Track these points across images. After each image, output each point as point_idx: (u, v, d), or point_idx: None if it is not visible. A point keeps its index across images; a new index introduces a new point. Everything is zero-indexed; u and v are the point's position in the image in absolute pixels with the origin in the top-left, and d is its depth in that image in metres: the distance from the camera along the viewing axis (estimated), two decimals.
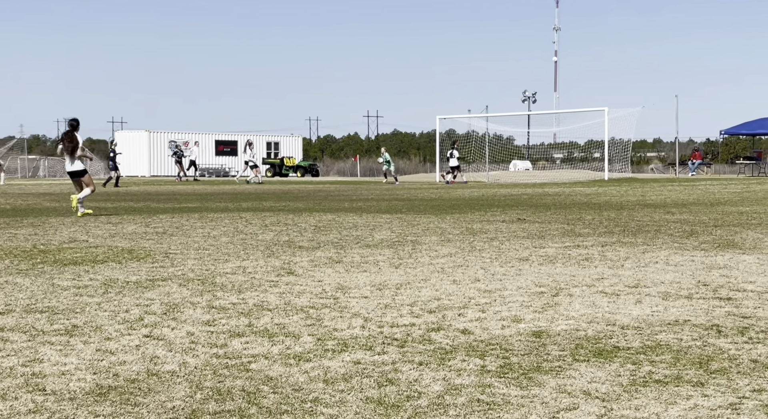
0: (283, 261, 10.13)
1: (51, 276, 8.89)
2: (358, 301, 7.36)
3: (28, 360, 5.29)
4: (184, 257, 10.51)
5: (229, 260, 10.22)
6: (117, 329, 6.21)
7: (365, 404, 4.36)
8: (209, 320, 6.54)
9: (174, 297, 7.54)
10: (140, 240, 12.67)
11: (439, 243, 12.11)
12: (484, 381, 4.77)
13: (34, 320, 6.55)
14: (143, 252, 11.07)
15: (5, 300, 7.41)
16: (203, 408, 4.30)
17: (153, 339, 5.86)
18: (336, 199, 26.56)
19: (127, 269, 9.41)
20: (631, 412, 4.24)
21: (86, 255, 10.76)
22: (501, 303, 7.28)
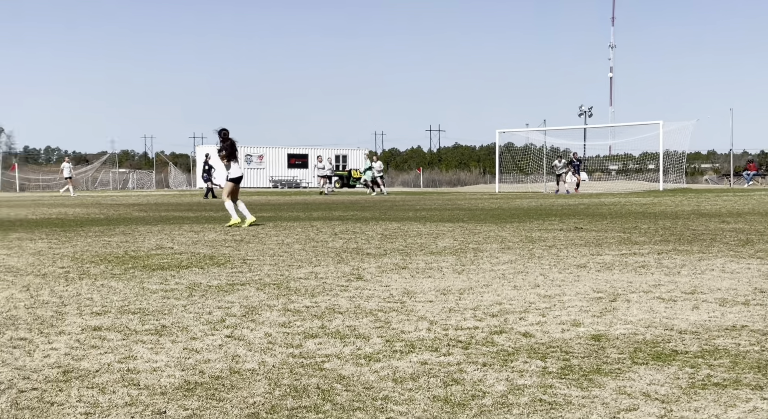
0: (352, 267, 10.18)
1: (141, 280, 9.05)
2: (424, 305, 7.37)
3: (123, 357, 5.40)
4: (261, 263, 10.61)
5: (302, 266, 10.30)
6: (201, 329, 6.30)
7: (432, 402, 4.37)
8: (285, 322, 6.60)
9: (252, 301, 7.63)
10: (220, 247, 12.83)
11: (500, 251, 12.07)
12: (546, 382, 4.76)
13: (127, 320, 6.68)
14: (223, 258, 11.20)
15: (102, 302, 7.55)
16: (281, 404, 4.35)
17: (234, 339, 5.94)
18: (401, 209, 26.58)
19: (209, 274, 9.53)
20: (690, 413, 4.19)
21: (172, 260, 10.93)
22: (560, 307, 7.24)
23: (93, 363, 5.25)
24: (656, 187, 45.97)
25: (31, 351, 5.58)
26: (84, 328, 6.35)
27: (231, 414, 4.17)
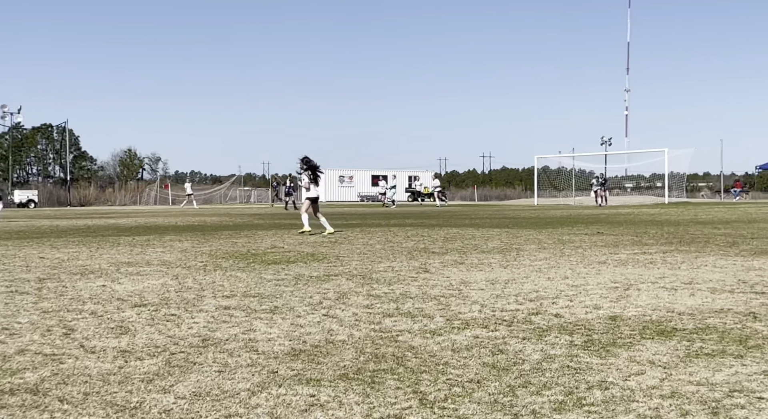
0: (420, 262, 10.18)
1: (259, 271, 9.18)
2: (476, 292, 7.34)
3: (245, 330, 5.49)
4: (350, 259, 10.68)
5: (382, 261, 10.33)
6: (304, 309, 6.37)
7: (482, 367, 4.36)
8: (368, 304, 6.64)
9: (343, 288, 7.68)
10: (319, 247, 12.95)
11: (537, 250, 11.94)
12: (572, 352, 4.71)
13: (249, 302, 6.79)
14: (321, 255, 11.30)
15: (230, 288, 7.69)
16: (365, 366, 4.39)
17: (329, 317, 5.99)
18: (459, 218, 26.47)
19: (311, 267, 9.63)
20: (686, 376, 4.11)
21: (282, 257, 11.06)
22: (584, 294, 7.14)
23: (224, 333, 5.36)
24: (662, 201, 45.01)
25: (179, 324, 5.72)
26: (217, 307, 6.48)
27: (327, 374, 4.22)
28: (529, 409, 3.56)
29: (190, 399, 3.74)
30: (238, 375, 4.18)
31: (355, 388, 3.93)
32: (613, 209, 35.10)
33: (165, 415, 3.50)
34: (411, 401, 3.70)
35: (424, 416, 3.47)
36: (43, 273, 9.01)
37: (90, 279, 8.48)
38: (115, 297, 7.06)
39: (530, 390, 3.89)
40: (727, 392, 3.83)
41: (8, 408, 3.59)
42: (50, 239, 15.34)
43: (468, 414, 3.50)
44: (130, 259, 10.75)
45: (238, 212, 35.94)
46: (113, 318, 5.99)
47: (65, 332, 5.42)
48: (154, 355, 4.67)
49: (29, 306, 6.55)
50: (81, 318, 5.99)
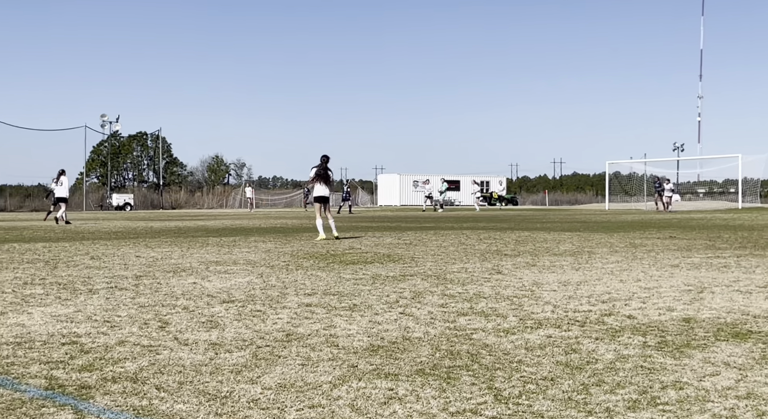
0: (493, 264, 10.11)
1: (338, 271, 9.28)
2: (549, 293, 7.25)
3: (326, 326, 5.57)
4: (425, 260, 10.68)
5: (456, 263, 10.30)
6: (382, 307, 6.41)
7: (555, 365, 4.31)
8: (443, 303, 6.63)
9: (418, 288, 7.69)
10: (395, 248, 13.00)
11: (609, 253, 11.69)
12: (646, 353, 4.60)
13: (329, 300, 6.87)
14: (397, 256, 11.35)
15: (311, 287, 7.80)
16: (441, 363, 4.39)
17: (405, 315, 6.01)
18: (530, 221, 26.14)
19: (387, 268, 9.68)
20: (762, 378, 3.96)
21: (360, 258, 11.15)
22: (657, 297, 6.96)
23: (306, 329, 5.44)
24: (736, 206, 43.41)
25: (264, 319, 5.84)
26: (299, 305, 6.58)
27: (404, 369, 4.23)
28: (603, 407, 3.50)
29: (275, 390, 3.82)
30: (320, 369, 4.24)
31: (431, 383, 3.93)
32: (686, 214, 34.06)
33: (253, 404, 3.58)
34: (486, 396, 3.68)
35: (499, 411, 3.45)
36: (139, 271, 9.33)
37: (182, 276, 8.74)
38: (205, 294, 7.26)
39: (604, 388, 3.82)
40: None
41: (111, 395, 3.74)
42: (145, 239, 15.87)
43: (542, 410, 3.46)
44: (218, 259, 11.02)
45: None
46: (204, 313, 6.16)
47: (160, 325, 5.60)
48: (242, 348, 4.79)
49: (128, 301, 6.80)
50: (174, 312, 6.18)
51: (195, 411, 3.46)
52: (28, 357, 4.56)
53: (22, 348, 4.79)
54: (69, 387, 3.87)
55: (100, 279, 8.50)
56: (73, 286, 7.84)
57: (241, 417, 3.39)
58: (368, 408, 3.50)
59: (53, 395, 3.72)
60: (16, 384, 3.93)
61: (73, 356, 4.58)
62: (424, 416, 3.39)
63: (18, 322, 5.73)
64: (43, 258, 11.14)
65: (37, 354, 4.62)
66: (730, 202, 49.58)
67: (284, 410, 3.49)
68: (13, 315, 6.03)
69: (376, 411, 3.45)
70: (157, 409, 3.50)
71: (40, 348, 4.79)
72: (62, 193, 25.08)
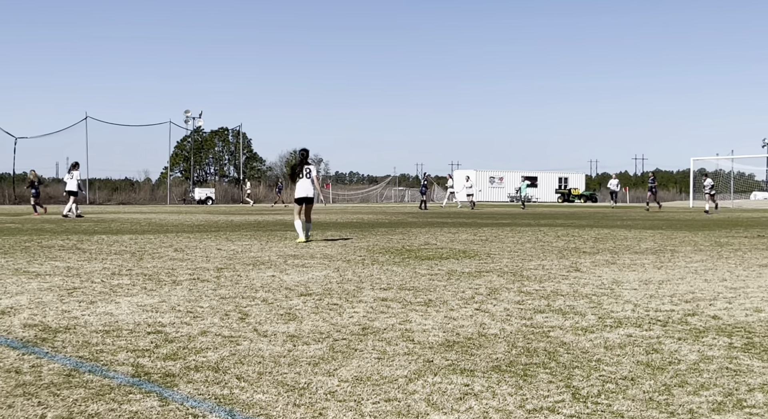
0: (571, 261, 9.93)
1: (414, 266, 9.29)
2: (629, 292, 7.07)
3: (402, 320, 5.59)
4: (501, 257, 10.58)
5: (532, 260, 10.17)
6: (457, 303, 6.39)
7: (636, 365, 4.21)
8: (519, 300, 6.57)
9: (494, 284, 7.63)
10: (470, 244, 12.93)
11: (693, 252, 11.32)
12: (732, 355, 4.44)
13: (404, 294, 6.89)
14: (472, 252, 11.28)
15: (387, 282, 7.84)
16: (517, 360, 4.35)
17: (481, 312, 5.98)
18: (610, 219, 25.53)
19: (462, 263, 9.63)
20: None
21: (435, 253, 11.14)
22: (744, 297, 6.70)
23: (382, 323, 5.48)
24: None
25: (341, 313, 5.90)
26: (375, 299, 6.62)
27: (480, 365, 4.22)
28: (686, 408, 3.40)
29: (352, 383, 3.86)
30: (396, 363, 4.26)
31: (508, 380, 3.90)
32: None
33: (330, 396, 3.63)
34: (564, 395, 3.62)
35: (578, 410, 3.39)
36: (220, 263, 9.58)
37: (261, 269, 8.93)
38: (284, 287, 7.39)
39: (687, 389, 3.70)
40: None
41: (194, 383, 3.86)
42: (226, 233, 16.27)
43: (622, 410, 3.38)
44: (296, 252, 11.20)
45: (393, 211, 36.50)
46: (282, 305, 6.27)
47: (240, 317, 5.74)
48: (319, 341, 4.85)
49: (209, 293, 6.99)
50: (254, 304, 6.32)
51: (274, 402, 3.54)
52: (116, 345, 4.75)
53: (110, 337, 4.99)
54: (154, 375, 4.01)
55: (183, 270, 8.77)
56: (158, 277, 8.11)
57: (319, 408, 3.44)
58: (444, 403, 3.50)
59: (139, 382, 3.87)
60: (104, 370, 4.10)
61: (158, 345, 4.74)
62: (500, 413, 3.36)
63: (106, 311, 5.97)
64: (130, 250, 11.56)
65: (124, 343, 4.80)
66: None
67: (360, 403, 3.52)
68: (102, 305, 6.29)
69: (451, 407, 3.45)
70: (238, 398, 3.59)
71: (127, 337, 4.98)
72: (72, 186, 24.99)
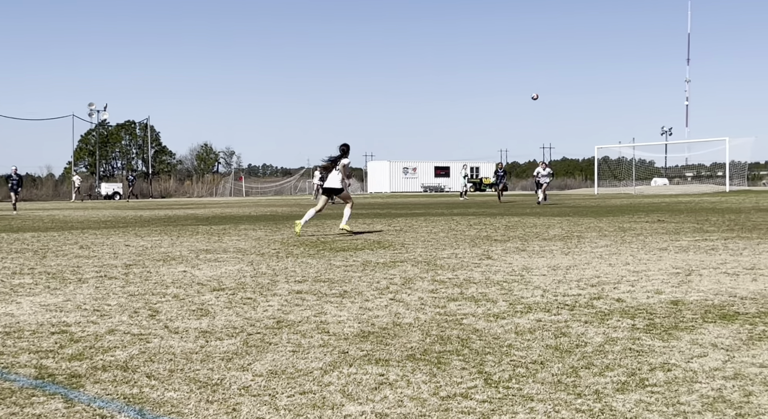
0: (483, 249, 10.12)
1: (329, 258, 9.27)
2: (538, 278, 7.27)
3: (317, 313, 5.56)
4: (415, 246, 10.69)
5: (446, 248, 10.31)
6: (372, 294, 6.41)
7: (545, 349, 4.32)
8: (433, 289, 6.64)
9: (409, 274, 7.70)
10: (385, 235, 13.00)
11: (598, 238, 11.73)
12: (635, 336, 4.62)
13: (319, 287, 6.86)
14: (387, 243, 11.34)
15: (302, 274, 7.79)
16: (431, 348, 4.39)
17: (396, 301, 6.01)
18: (520, 207, 26.19)
19: (377, 254, 9.68)
20: (749, 359, 3.99)
21: (350, 244, 11.14)
22: (646, 280, 6.99)
23: (297, 316, 5.44)
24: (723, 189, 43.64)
25: (255, 307, 5.83)
26: (290, 292, 6.57)
27: (394, 355, 4.24)
28: (593, 389, 3.52)
29: (266, 377, 3.81)
30: (311, 355, 4.24)
31: (422, 368, 3.94)
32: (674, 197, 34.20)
33: (244, 391, 3.57)
34: (476, 381, 3.69)
35: (490, 395, 3.46)
36: (129, 260, 9.29)
37: (172, 265, 8.71)
38: (196, 282, 7.24)
39: (593, 371, 3.83)
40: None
41: (102, 383, 3.73)
42: (135, 228, 15.81)
43: (532, 393, 3.47)
44: (209, 247, 10.99)
45: (307, 203, 36.29)
46: (194, 301, 6.14)
47: (151, 314, 5.58)
48: (233, 336, 4.78)
49: (117, 290, 6.77)
50: (165, 301, 6.16)
51: (186, 399, 3.46)
52: (18, 346, 4.54)
53: (11, 338, 4.77)
54: (59, 376, 3.85)
55: (89, 268, 8.46)
56: (63, 276, 7.81)
57: (233, 404, 3.38)
58: (359, 394, 3.50)
59: (43, 384, 3.71)
60: (5, 373, 3.91)
61: (62, 345, 4.56)
62: (414, 400, 3.39)
63: (7, 312, 5.69)
64: (32, 248, 11.07)
65: (27, 344, 4.60)
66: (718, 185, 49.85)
67: (275, 396, 3.48)
68: (1, 305, 5.99)
69: (367, 397, 3.46)
70: (148, 397, 3.49)
71: (30, 338, 4.77)
72: None
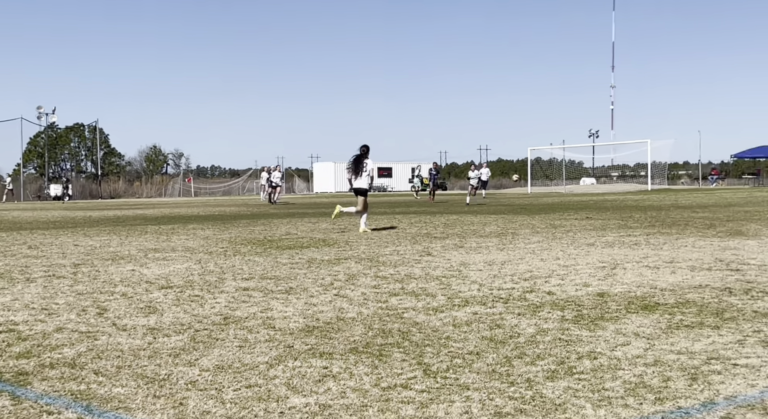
0: (423, 246, 10.18)
1: (275, 256, 9.20)
2: (475, 273, 7.35)
3: (263, 309, 5.51)
4: (358, 244, 10.69)
5: (388, 246, 10.34)
6: (317, 290, 6.39)
7: (481, 340, 4.37)
8: (376, 285, 6.65)
9: (352, 270, 7.70)
10: (330, 233, 12.97)
11: (531, 234, 11.93)
12: (564, 326, 4.72)
13: (266, 284, 6.80)
14: (332, 241, 11.31)
15: (249, 271, 7.71)
16: (373, 341, 4.40)
17: (340, 297, 6.01)
18: (458, 205, 26.42)
19: (322, 252, 9.64)
20: (668, 346, 4.12)
21: (296, 243, 11.08)
22: (575, 274, 7.14)
23: (243, 312, 5.38)
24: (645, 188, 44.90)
25: (202, 304, 5.74)
26: (237, 289, 6.50)
27: (338, 348, 4.23)
28: (524, 378, 3.57)
29: (213, 372, 3.76)
30: (257, 350, 4.20)
31: (364, 361, 3.94)
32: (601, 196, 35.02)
33: (191, 386, 3.52)
34: (416, 371, 3.71)
35: (428, 385, 3.48)
36: (77, 259, 9.05)
37: (120, 264, 8.52)
38: (144, 280, 7.09)
39: (525, 360, 3.90)
40: (705, 360, 3.84)
41: (49, 381, 3.62)
42: (84, 228, 15.39)
43: (468, 382, 3.51)
44: (157, 246, 10.78)
45: (255, 203, 35.95)
46: (142, 299, 6.02)
47: (99, 312, 5.45)
48: (180, 332, 4.70)
49: (66, 289, 6.58)
50: (113, 299, 6.02)
51: (133, 394, 3.39)
52: None
53: None
54: (6, 374, 3.73)
55: (37, 267, 8.20)
56: (10, 275, 7.55)
57: (179, 398, 3.33)
58: (303, 386, 3.49)
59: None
60: None
61: (10, 343, 4.41)
62: (357, 392, 3.39)
63: None
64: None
65: None
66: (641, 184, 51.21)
67: (222, 390, 3.44)
68: None
69: (311, 389, 3.44)
70: (96, 393, 3.40)
71: None
72: None
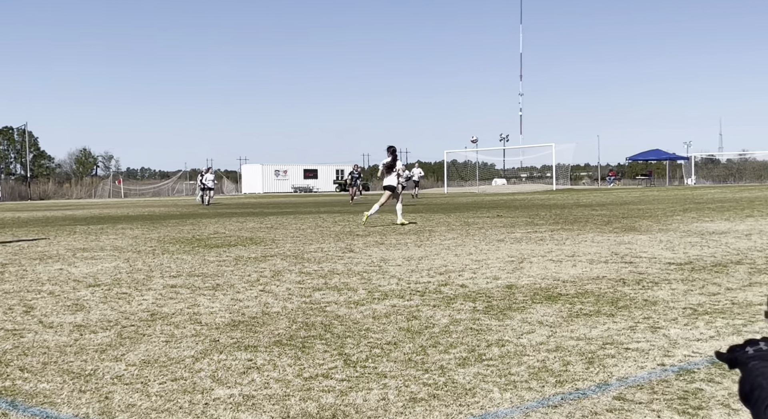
0: (346, 243, 10.18)
1: (203, 254, 9.00)
2: (394, 268, 7.39)
3: (190, 305, 5.39)
4: (284, 242, 10.58)
5: (313, 243, 10.28)
6: (243, 286, 6.29)
7: (399, 331, 4.40)
8: (300, 280, 6.60)
9: (278, 267, 7.62)
10: (257, 232, 12.79)
11: (446, 231, 12.09)
12: (475, 317, 4.79)
13: (193, 281, 6.65)
14: (259, 239, 11.17)
15: (177, 269, 7.52)
16: (297, 334, 4.36)
17: (265, 292, 5.94)
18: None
19: (249, 250, 9.50)
20: (568, 333, 4.24)
21: (224, 241, 10.88)
22: (486, 268, 7.28)
23: (170, 308, 5.24)
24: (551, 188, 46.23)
25: (129, 301, 5.56)
26: (165, 286, 6.33)
27: (263, 341, 4.18)
28: (438, 365, 3.62)
29: (139, 366, 3.64)
30: (184, 344, 4.10)
31: (288, 352, 3.90)
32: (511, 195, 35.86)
33: (117, 380, 3.40)
34: (337, 362, 3.70)
35: (348, 374, 3.48)
36: (4, 259, 8.60)
37: (48, 263, 8.15)
38: (72, 279, 6.81)
39: (439, 349, 3.95)
40: (601, 345, 3.98)
41: None
42: (12, 229, 14.65)
43: (386, 371, 3.53)
44: (86, 245, 10.37)
45: (184, 203, 35.10)
46: (69, 297, 5.77)
47: (25, 310, 5.19)
48: (107, 329, 4.53)
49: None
50: (40, 297, 5.75)
51: (59, 390, 3.24)
52: None
53: None
54: None
55: None
56: None
57: (105, 392, 3.21)
58: (228, 378, 3.42)
59: None
60: None
61: None
62: (280, 382, 3.35)
63: None
64: None
65: None
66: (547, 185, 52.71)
67: (147, 384, 3.33)
68: None
69: (235, 381, 3.38)
70: (21, 389, 3.24)
71: None
72: None
